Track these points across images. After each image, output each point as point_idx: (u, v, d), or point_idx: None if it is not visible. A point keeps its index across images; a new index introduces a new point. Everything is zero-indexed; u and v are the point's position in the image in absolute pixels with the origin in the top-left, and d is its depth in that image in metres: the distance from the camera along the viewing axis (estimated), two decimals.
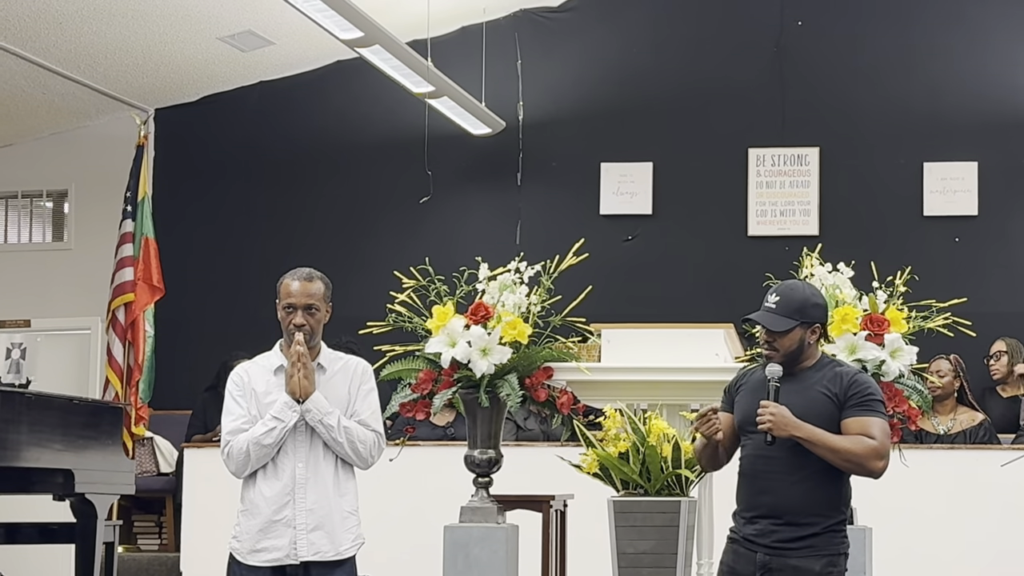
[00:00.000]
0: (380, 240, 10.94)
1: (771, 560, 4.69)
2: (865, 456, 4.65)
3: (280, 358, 5.08)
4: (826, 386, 4.74)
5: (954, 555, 7.78)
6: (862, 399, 4.71)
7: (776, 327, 4.73)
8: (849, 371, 4.82)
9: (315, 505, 4.97)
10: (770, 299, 4.78)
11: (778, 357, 4.76)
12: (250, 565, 4.94)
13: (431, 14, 9.74)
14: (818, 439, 4.64)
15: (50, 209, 11.90)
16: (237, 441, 4.94)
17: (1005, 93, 10.31)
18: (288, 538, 4.92)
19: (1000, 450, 8.04)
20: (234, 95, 11.38)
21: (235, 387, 5.05)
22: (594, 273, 6.96)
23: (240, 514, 5.00)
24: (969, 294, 6.73)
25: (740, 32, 10.76)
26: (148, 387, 9.78)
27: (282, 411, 4.93)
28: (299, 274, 5.13)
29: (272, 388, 5.02)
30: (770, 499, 4.71)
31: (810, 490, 4.70)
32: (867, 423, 4.68)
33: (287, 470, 4.96)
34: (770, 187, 10.57)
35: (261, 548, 4.93)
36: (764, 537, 4.71)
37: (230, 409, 5.01)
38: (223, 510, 8.44)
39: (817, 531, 4.70)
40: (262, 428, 4.92)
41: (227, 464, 4.99)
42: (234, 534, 5.00)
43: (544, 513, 6.53)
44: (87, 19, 9.71)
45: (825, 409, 4.71)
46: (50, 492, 7.00)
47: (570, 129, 10.88)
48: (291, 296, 5.06)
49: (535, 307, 6.27)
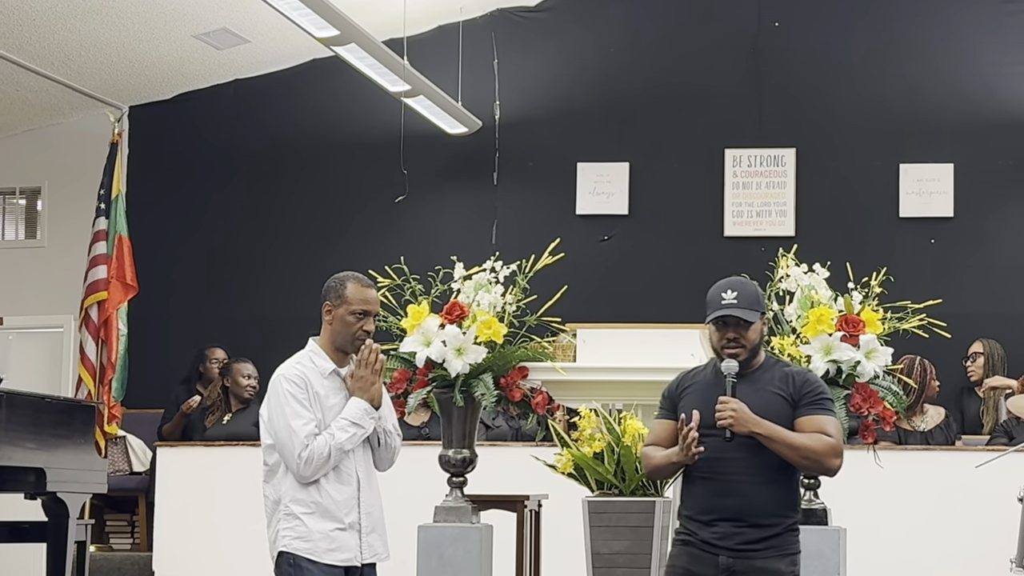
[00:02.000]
0: (355, 239, 10.91)
1: (735, 563, 4.67)
2: (824, 453, 4.67)
3: (328, 361, 5.00)
4: (778, 386, 4.76)
5: (928, 556, 7.79)
6: (815, 398, 4.75)
7: (749, 319, 4.74)
8: (799, 371, 4.87)
9: (372, 509, 4.99)
10: (727, 296, 4.78)
11: (744, 353, 4.76)
12: (327, 564, 4.88)
13: (407, 13, 9.72)
14: (778, 436, 4.66)
15: (23, 206, 11.84)
16: (317, 446, 4.85)
17: (981, 95, 10.34)
18: (355, 541, 4.93)
19: (975, 451, 8.06)
20: (209, 93, 11.34)
21: (298, 390, 4.92)
22: (570, 273, 6.96)
23: (303, 516, 4.89)
24: (944, 295, 6.73)
25: (717, 33, 10.76)
26: (121, 386, 9.75)
27: (362, 417, 4.89)
28: (365, 280, 5.07)
29: (330, 392, 4.97)
30: (733, 501, 4.69)
31: (770, 491, 4.71)
32: (822, 421, 4.72)
33: (353, 475, 4.94)
34: (746, 188, 10.58)
35: (335, 547, 4.90)
36: (726, 540, 4.68)
37: (299, 412, 4.88)
38: (195, 509, 8.45)
39: (779, 531, 4.72)
40: (344, 435, 4.86)
41: (302, 468, 4.85)
42: (295, 535, 4.88)
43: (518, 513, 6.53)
44: (61, 16, 9.66)
45: (781, 409, 4.72)
46: (21, 491, 6.97)
47: (547, 129, 10.87)
48: (364, 302, 4.99)
49: (510, 307, 6.27)
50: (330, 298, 5.03)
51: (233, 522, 8.34)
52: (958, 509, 7.80)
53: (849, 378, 5.87)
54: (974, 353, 9.34)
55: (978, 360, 9.31)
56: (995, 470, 7.42)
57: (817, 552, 5.76)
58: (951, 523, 7.79)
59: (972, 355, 9.34)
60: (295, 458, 4.84)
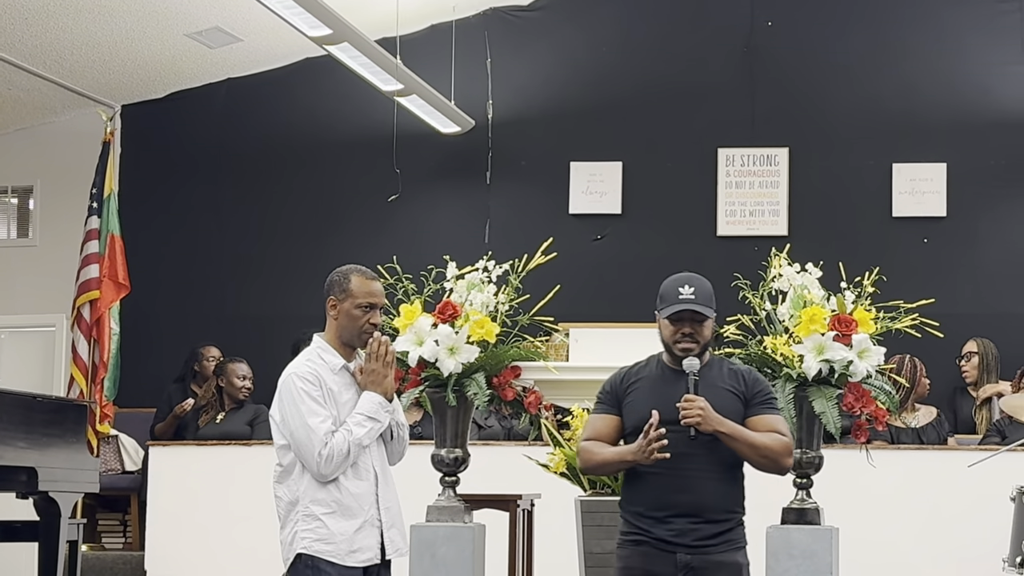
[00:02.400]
0: (348, 238, 10.90)
1: (693, 559, 4.69)
2: (781, 452, 4.76)
3: (338, 357, 4.98)
4: (729, 383, 4.82)
5: (921, 555, 7.79)
6: (765, 397, 4.84)
7: (708, 314, 4.80)
8: (746, 369, 4.95)
9: (390, 503, 4.98)
10: (685, 291, 4.81)
11: (697, 349, 4.80)
12: (347, 566, 4.86)
13: (400, 12, 9.71)
14: (739, 435, 4.71)
15: (15, 205, 11.83)
16: (336, 443, 4.82)
17: (975, 95, 10.34)
18: (375, 538, 4.91)
19: (968, 451, 8.06)
20: (201, 92, 11.33)
21: (312, 387, 4.89)
22: (563, 272, 6.95)
23: (324, 516, 4.86)
24: (937, 295, 6.72)
25: (710, 32, 10.76)
26: (113, 385, 9.73)
27: (377, 411, 4.88)
28: (369, 273, 5.07)
29: (342, 388, 4.94)
30: (689, 497, 4.71)
31: (723, 487, 4.78)
32: (775, 421, 4.81)
33: (370, 470, 4.93)
34: (739, 187, 10.58)
35: (357, 548, 4.88)
36: (684, 536, 4.69)
37: (316, 411, 4.85)
38: (188, 508, 8.43)
39: (732, 526, 4.79)
40: (361, 429, 4.84)
41: (322, 466, 4.82)
42: (316, 536, 4.86)
43: (511, 512, 6.52)
44: (54, 14, 9.64)
45: (733, 406, 4.78)
46: (13, 490, 6.95)
47: (540, 128, 10.87)
48: (370, 295, 4.98)
49: (503, 306, 6.26)
50: (334, 292, 5.01)
51: (225, 521, 8.34)
52: (951, 508, 7.81)
53: (842, 377, 5.86)
54: (968, 352, 9.34)
55: (972, 359, 9.31)
56: (988, 469, 7.42)
57: (810, 552, 5.75)
58: (944, 522, 7.79)
59: (967, 354, 9.34)
60: (315, 456, 4.81)
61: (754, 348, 5.92)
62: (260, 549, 8.12)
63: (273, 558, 7.78)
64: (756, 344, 5.92)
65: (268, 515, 8.19)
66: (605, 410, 4.89)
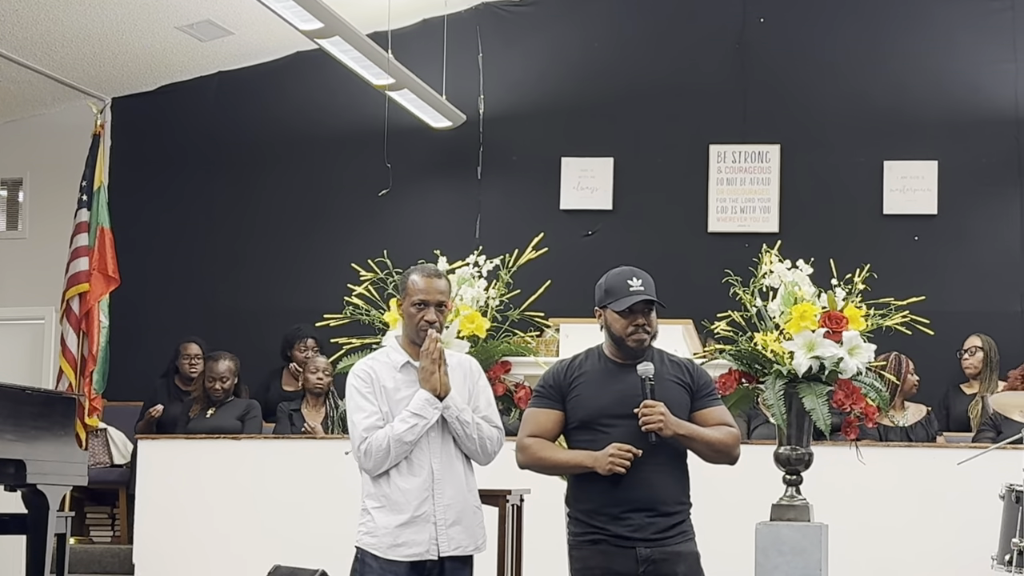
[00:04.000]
0: (338, 232, 10.89)
1: (653, 552, 4.71)
2: (733, 445, 4.84)
3: (403, 354, 5.01)
4: (675, 375, 4.85)
5: (910, 552, 7.79)
6: (711, 389, 4.92)
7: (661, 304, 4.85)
8: (686, 360, 4.99)
9: (452, 500, 4.95)
10: (635, 283, 4.83)
11: (649, 340, 4.83)
12: (389, 559, 4.88)
13: (392, 6, 9.70)
14: (697, 435, 4.78)
15: (4, 197, 11.80)
16: (376, 438, 4.87)
17: (966, 92, 10.35)
18: (428, 534, 4.89)
19: (958, 448, 8.06)
20: (192, 85, 11.31)
21: (363, 384, 4.97)
22: (553, 268, 6.95)
23: (373, 510, 4.93)
24: (928, 293, 6.73)
25: (702, 28, 10.76)
26: (102, 378, 9.70)
27: (423, 408, 4.88)
28: (428, 270, 5.07)
29: (401, 385, 4.97)
30: (643, 492, 4.73)
31: (675, 479, 4.83)
32: (723, 413, 4.89)
33: (424, 466, 4.92)
34: (730, 184, 10.58)
35: (401, 543, 4.88)
36: (642, 531, 4.71)
37: (361, 406, 4.93)
38: (177, 502, 8.41)
39: (684, 517, 4.84)
40: (403, 425, 4.87)
41: (362, 460, 4.90)
42: (366, 530, 4.93)
43: (500, 507, 6.50)
44: (44, 6, 9.62)
45: (682, 399, 4.83)
46: (1, 483, 6.92)
47: (531, 123, 10.86)
48: (423, 292, 4.98)
49: (494, 301, 6.26)
50: (399, 293, 5.10)
51: (214, 515, 8.32)
52: (941, 506, 7.81)
53: (832, 374, 5.86)
54: (973, 347, 9.29)
55: (977, 355, 9.27)
56: (978, 467, 7.42)
57: (799, 548, 5.75)
58: (934, 520, 7.79)
59: (971, 348, 9.30)
60: (355, 451, 4.92)
61: (744, 344, 5.92)
62: (249, 543, 8.12)
63: (261, 552, 7.79)
64: (747, 340, 5.92)
65: (257, 509, 8.21)
66: (548, 405, 4.91)
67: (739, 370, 5.97)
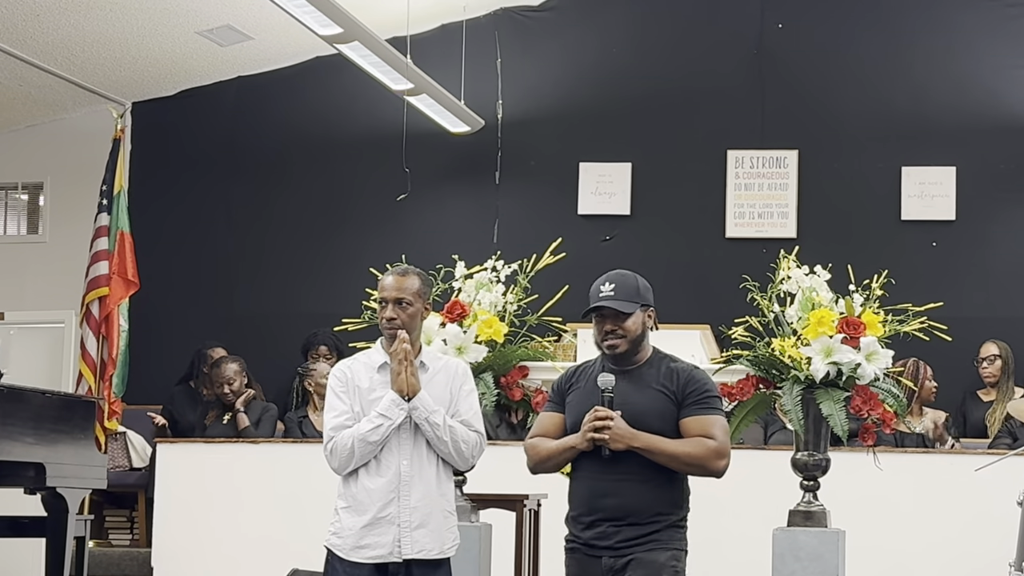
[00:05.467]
0: (357, 237, 10.91)
1: (616, 561, 4.61)
2: (706, 458, 4.60)
3: (383, 355, 5.02)
4: (662, 383, 4.68)
5: (927, 558, 7.78)
6: (700, 397, 4.66)
7: (626, 310, 4.69)
8: (684, 367, 4.76)
9: (419, 503, 4.92)
10: (605, 288, 4.75)
11: (623, 345, 4.69)
12: (352, 561, 4.89)
13: (411, 11, 9.71)
14: (656, 447, 4.60)
15: (25, 202, 11.84)
16: (341, 437, 4.89)
17: (984, 98, 10.33)
18: (392, 536, 4.88)
19: (975, 454, 8.05)
20: (212, 89, 11.34)
21: (338, 383, 4.99)
22: (571, 273, 6.96)
23: (341, 511, 4.94)
24: (946, 299, 6.71)
25: (720, 34, 10.76)
26: (122, 381, 9.74)
27: (389, 408, 4.88)
28: (394, 270, 5.09)
29: (376, 385, 4.97)
30: (613, 501, 4.63)
31: (652, 491, 4.63)
32: (707, 423, 4.63)
33: (392, 467, 4.91)
34: (748, 189, 10.57)
35: (364, 545, 4.88)
36: (606, 540, 4.63)
37: (333, 405, 4.96)
38: (195, 506, 8.44)
39: (659, 528, 4.64)
40: (368, 425, 4.87)
41: (329, 460, 4.93)
42: (333, 531, 4.95)
43: (518, 512, 6.53)
44: (65, 11, 9.66)
45: (663, 407, 4.65)
46: (21, 486, 6.95)
47: (549, 128, 10.87)
48: (383, 290, 5.01)
49: (511, 306, 6.28)
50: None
51: (233, 519, 8.35)
52: (958, 512, 7.79)
53: (849, 380, 5.87)
54: (991, 355, 9.27)
55: (996, 363, 9.26)
56: (995, 473, 7.41)
57: (816, 554, 5.76)
58: (951, 526, 7.78)
59: (990, 357, 9.28)
60: (323, 450, 4.93)
61: (762, 350, 5.93)
62: (266, 547, 8.14)
63: (279, 555, 7.80)
64: (764, 346, 5.93)
65: (275, 513, 8.23)
66: (552, 408, 4.89)
67: (757, 376, 5.98)
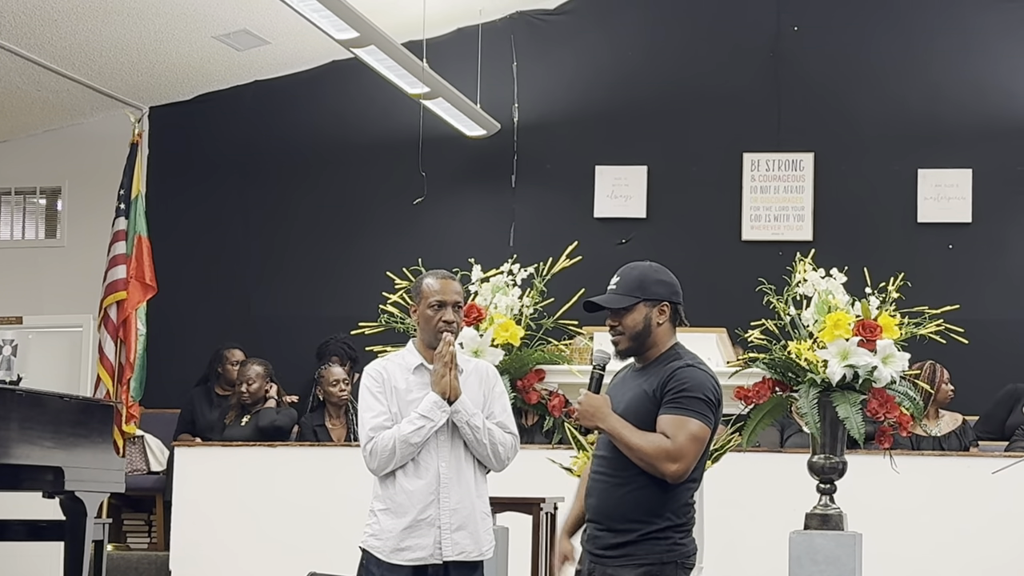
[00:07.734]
0: (373, 240, 10.93)
1: (594, 568, 4.48)
2: (655, 457, 4.31)
3: (417, 357, 5.00)
4: (651, 383, 4.45)
5: (943, 561, 7.77)
6: (675, 395, 4.37)
7: (616, 305, 4.51)
8: (676, 366, 4.45)
9: (459, 505, 4.91)
10: (612, 282, 4.60)
11: (624, 341, 4.52)
12: (392, 564, 4.88)
13: (427, 15, 9.74)
14: (618, 434, 4.38)
15: (43, 206, 11.89)
16: (382, 438, 4.87)
17: (1000, 100, 10.32)
18: (432, 538, 4.87)
19: (993, 457, 8.03)
20: (229, 94, 11.37)
21: (375, 384, 4.97)
22: (587, 276, 6.94)
23: (379, 512, 4.92)
24: (962, 301, 6.71)
25: (736, 37, 10.76)
26: (139, 385, 9.76)
27: (431, 410, 4.87)
28: (441, 273, 5.06)
29: (413, 387, 4.96)
30: (593, 502, 4.52)
31: (628, 494, 4.40)
32: (671, 422, 4.33)
33: (431, 469, 4.90)
34: (764, 192, 10.57)
35: (405, 547, 4.87)
36: (591, 542, 4.53)
37: (371, 406, 4.93)
38: (213, 509, 8.46)
39: (632, 539, 4.38)
40: (410, 427, 4.86)
41: (368, 460, 4.90)
42: (371, 532, 4.93)
43: (534, 515, 6.52)
44: (83, 16, 9.70)
45: (641, 406, 4.42)
46: (40, 489, 6.97)
47: (565, 131, 10.88)
48: (440, 293, 4.97)
49: (528, 309, 6.28)
50: (412, 299, 5.07)
51: (250, 522, 8.36)
52: (975, 515, 7.78)
53: (866, 383, 5.86)
54: None
55: None
56: (1013, 476, 7.40)
57: (833, 557, 5.76)
58: (968, 529, 7.77)
59: None
60: (362, 450, 4.91)
61: (778, 353, 5.93)
62: (284, 550, 8.15)
63: (296, 558, 7.82)
64: (780, 349, 5.93)
65: (293, 516, 8.25)
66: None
67: (773, 379, 5.98)
